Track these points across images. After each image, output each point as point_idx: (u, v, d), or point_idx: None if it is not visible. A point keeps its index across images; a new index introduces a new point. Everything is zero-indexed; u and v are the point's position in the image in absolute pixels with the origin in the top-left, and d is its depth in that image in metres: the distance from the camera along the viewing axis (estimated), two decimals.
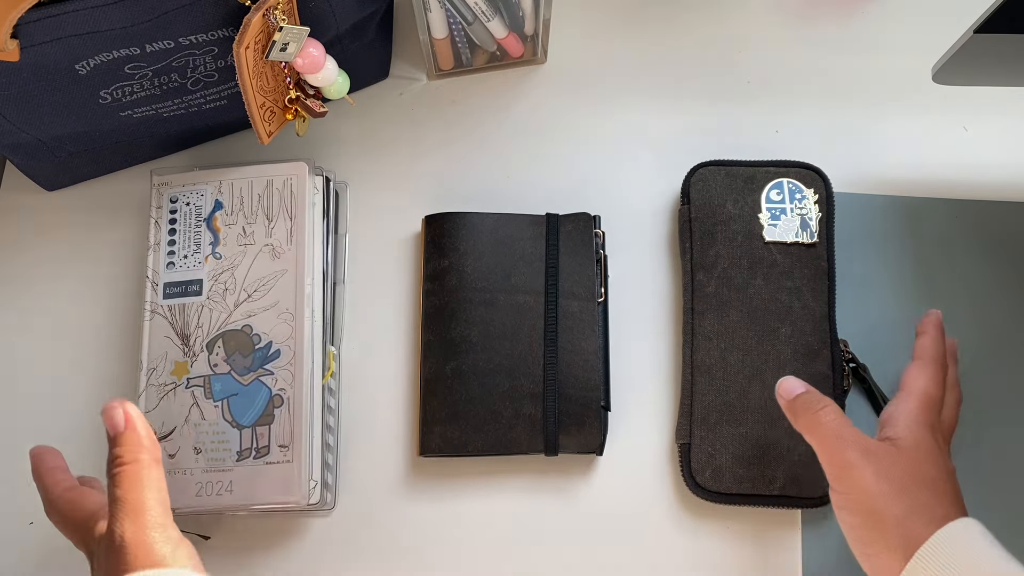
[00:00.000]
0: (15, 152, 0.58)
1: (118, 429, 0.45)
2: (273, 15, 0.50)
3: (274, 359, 0.56)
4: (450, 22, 0.61)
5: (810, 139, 0.65)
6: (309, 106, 0.58)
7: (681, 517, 0.57)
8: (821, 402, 0.50)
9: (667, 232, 0.63)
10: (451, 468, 0.59)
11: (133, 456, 0.45)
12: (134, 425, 0.46)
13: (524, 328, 0.58)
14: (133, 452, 0.45)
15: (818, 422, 0.50)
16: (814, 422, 0.50)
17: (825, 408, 0.50)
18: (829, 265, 0.59)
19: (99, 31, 0.49)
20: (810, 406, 0.51)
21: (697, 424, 0.57)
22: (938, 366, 0.53)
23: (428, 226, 0.62)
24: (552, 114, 0.67)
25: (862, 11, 0.69)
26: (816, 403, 0.50)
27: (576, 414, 0.57)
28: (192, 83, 0.56)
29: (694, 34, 0.68)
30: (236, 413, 0.56)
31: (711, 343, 0.58)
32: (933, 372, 0.52)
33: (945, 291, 0.61)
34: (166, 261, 0.59)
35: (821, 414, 0.50)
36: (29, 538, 0.57)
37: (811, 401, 0.51)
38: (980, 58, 0.53)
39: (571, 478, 0.58)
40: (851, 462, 0.48)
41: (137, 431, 0.45)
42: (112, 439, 0.46)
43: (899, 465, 0.48)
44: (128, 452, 0.45)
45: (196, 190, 0.61)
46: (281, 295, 0.58)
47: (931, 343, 0.54)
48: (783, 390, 0.52)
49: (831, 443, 0.49)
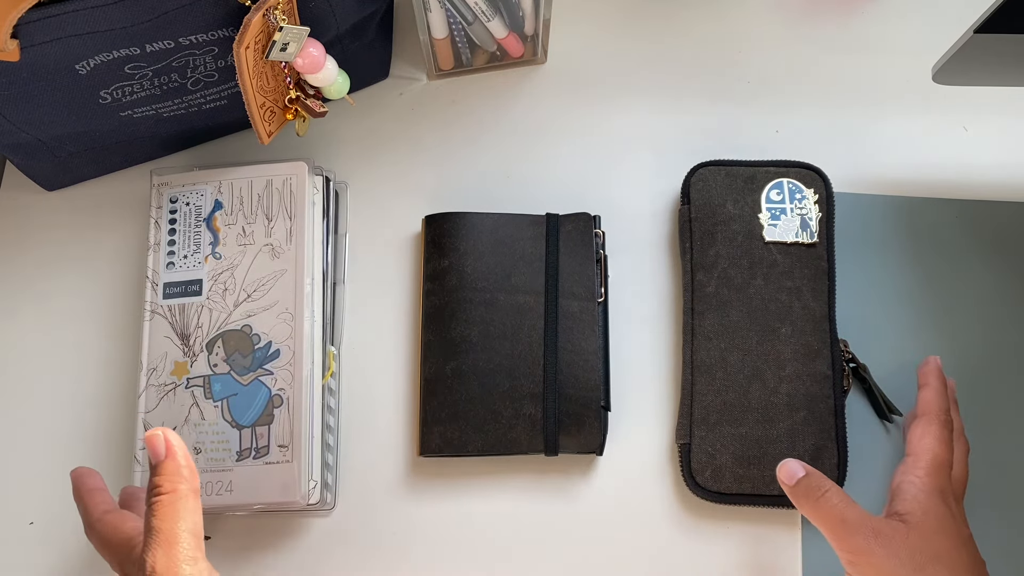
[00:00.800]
0: (15, 152, 0.58)
1: (159, 457, 0.46)
2: (273, 15, 0.50)
3: (273, 359, 0.56)
4: (450, 22, 0.61)
5: (810, 139, 0.65)
6: (309, 106, 0.58)
7: (681, 517, 0.57)
8: (822, 487, 0.50)
9: (667, 232, 0.63)
10: (451, 468, 0.59)
11: (171, 486, 0.45)
12: (174, 454, 0.46)
13: (524, 328, 0.58)
14: (172, 482, 0.45)
15: (821, 508, 0.49)
16: (818, 508, 0.49)
17: (827, 493, 0.49)
18: (829, 265, 0.59)
19: (99, 31, 0.49)
20: (811, 492, 0.50)
21: (697, 424, 0.57)
22: (943, 424, 0.52)
23: (428, 226, 0.62)
24: (552, 114, 0.67)
25: (862, 11, 0.69)
26: (817, 489, 0.50)
27: (576, 414, 0.57)
28: (192, 83, 0.56)
29: (694, 34, 0.68)
30: (236, 413, 0.56)
31: (711, 343, 0.58)
32: (939, 431, 0.51)
33: (945, 291, 0.61)
34: (166, 261, 0.59)
35: (823, 500, 0.49)
36: (29, 538, 0.57)
37: (812, 487, 0.50)
38: (980, 58, 0.53)
39: (571, 478, 0.58)
40: (861, 547, 0.47)
41: (177, 460, 0.46)
42: (153, 467, 0.46)
43: (909, 543, 0.47)
44: (167, 482, 0.45)
45: (196, 190, 0.61)
46: (281, 295, 0.58)
47: (935, 397, 0.53)
48: (784, 475, 0.52)
49: (838, 529, 0.48)
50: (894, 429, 0.59)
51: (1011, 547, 0.56)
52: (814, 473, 0.51)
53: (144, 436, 0.48)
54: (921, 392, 0.54)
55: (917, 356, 0.59)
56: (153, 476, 0.46)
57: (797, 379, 0.57)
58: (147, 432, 0.47)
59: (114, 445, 0.59)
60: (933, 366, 0.55)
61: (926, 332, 0.60)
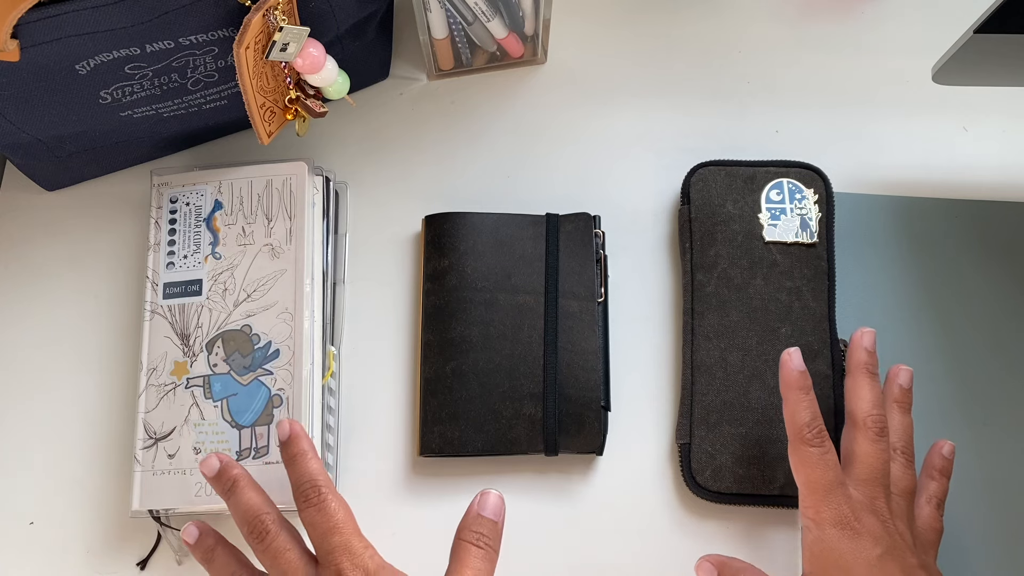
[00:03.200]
0: (15, 152, 0.58)
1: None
2: (273, 15, 0.50)
3: (273, 359, 0.56)
4: (450, 22, 0.61)
5: (810, 139, 0.65)
6: (309, 106, 0.58)
7: (681, 517, 0.57)
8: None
9: (667, 232, 0.63)
10: (451, 468, 0.59)
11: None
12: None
13: (524, 328, 0.58)
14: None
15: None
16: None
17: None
18: (829, 265, 0.59)
19: (99, 31, 0.49)
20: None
21: (697, 424, 0.57)
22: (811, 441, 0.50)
23: (428, 226, 0.62)
24: (552, 114, 0.67)
25: (862, 11, 0.69)
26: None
27: (576, 414, 0.57)
28: (192, 83, 0.56)
29: (694, 34, 0.68)
30: (235, 413, 0.56)
31: (711, 343, 0.58)
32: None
33: (945, 291, 0.61)
34: (166, 261, 0.59)
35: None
36: (29, 538, 0.57)
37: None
38: (980, 58, 0.53)
39: (571, 478, 0.58)
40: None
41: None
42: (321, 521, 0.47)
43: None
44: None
45: (196, 190, 0.61)
46: (280, 295, 0.58)
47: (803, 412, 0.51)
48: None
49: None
50: None
51: (1009, 549, 0.56)
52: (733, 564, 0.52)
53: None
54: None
55: (917, 356, 0.59)
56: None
57: None
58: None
59: (114, 445, 0.59)
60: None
61: (926, 332, 0.60)
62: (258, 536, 0.47)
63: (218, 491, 0.50)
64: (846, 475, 0.50)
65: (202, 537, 0.50)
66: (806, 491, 0.49)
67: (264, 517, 0.47)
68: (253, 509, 0.48)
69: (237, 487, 0.49)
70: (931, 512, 0.52)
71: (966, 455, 0.58)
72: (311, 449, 0.50)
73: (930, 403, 0.59)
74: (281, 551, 0.46)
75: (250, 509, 0.48)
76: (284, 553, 0.46)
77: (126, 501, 0.57)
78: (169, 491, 0.55)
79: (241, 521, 0.48)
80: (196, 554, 0.49)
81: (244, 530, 0.48)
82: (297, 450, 0.49)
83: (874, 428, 0.51)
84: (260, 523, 0.47)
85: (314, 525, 0.47)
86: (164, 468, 0.55)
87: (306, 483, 0.48)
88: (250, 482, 0.49)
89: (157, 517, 0.55)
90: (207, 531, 0.50)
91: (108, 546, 0.57)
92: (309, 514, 0.47)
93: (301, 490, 0.48)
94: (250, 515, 0.48)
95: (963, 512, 0.56)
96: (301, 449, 0.49)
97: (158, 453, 0.55)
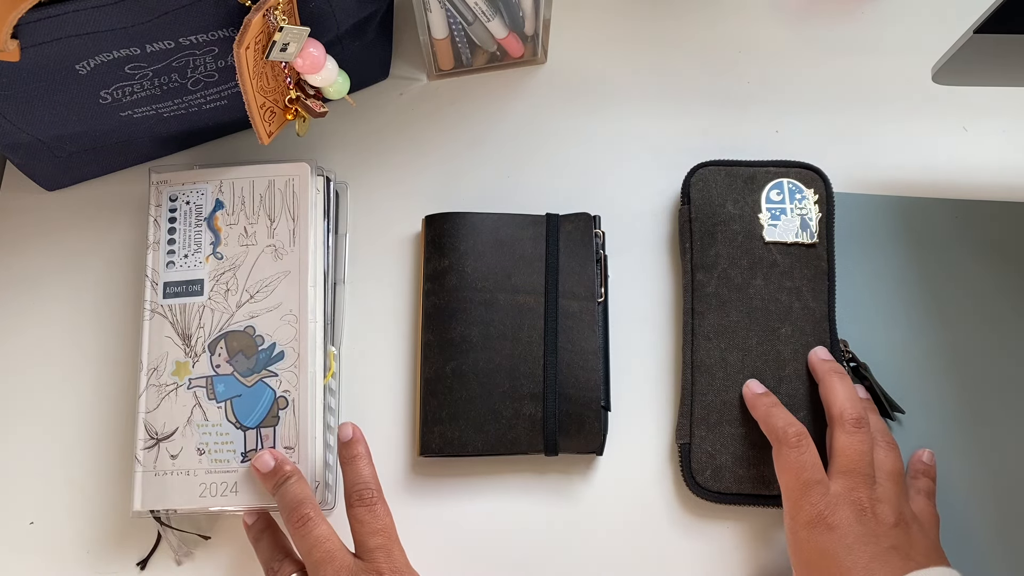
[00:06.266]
0: (15, 152, 0.58)
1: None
2: (273, 15, 0.50)
3: (278, 361, 0.56)
4: (450, 22, 0.61)
5: (810, 139, 0.65)
6: (309, 106, 0.58)
7: (681, 517, 0.57)
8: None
9: (667, 232, 0.64)
10: (451, 468, 0.59)
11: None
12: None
13: (524, 328, 0.58)
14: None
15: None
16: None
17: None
18: (829, 265, 0.59)
19: (99, 31, 0.49)
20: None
21: (697, 424, 0.57)
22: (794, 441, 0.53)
23: (428, 226, 0.62)
24: (552, 114, 0.67)
25: (862, 11, 0.69)
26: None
27: (576, 414, 0.57)
28: (192, 83, 0.56)
29: (694, 34, 0.68)
30: (240, 415, 0.56)
31: (711, 343, 0.58)
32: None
33: (945, 291, 0.61)
34: (166, 260, 0.59)
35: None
36: (29, 538, 0.57)
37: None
38: (980, 58, 0.53)
39: (571, 478, 0.58)
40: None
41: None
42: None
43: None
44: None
45: (196, 189, 0.60)
46: (284, 297, 0.57)
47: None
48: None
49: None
50: (896, 427, 0.59)
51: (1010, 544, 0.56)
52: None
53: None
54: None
55: (917, 356, 0.59)
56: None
57: (797, 379, 0.57)
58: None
59: (114, 445, 0.59)
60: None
61: (926, 332, 0.60)
62: (300, 522, 0.50)
63: (268, 485, 0.54)
64: (829, 471, 0.52)
65: (257, 521, 0.54)
66: (785, 494, 0.52)
67: (308, 508, 0.51)
68: (300, 499, 0.52)
69: (289, 480, 0.53)
70: (923, 501, 0.54)
71: (965, 455, 0.58)
72: (368, 454, 0.54)
73: (930, 403, 0.59)
74: (322, 539, 0.50)
75: (296, 498, 0.52)
76: (325, 542, 0.50)
77: (126, 501, 0.57)
78: (172, 491, 0.55)
79: (286, 509, 0.52)
80: (248, 534, 0.54)
81: (289, 517, 0.51)
82: (356, 452, 0.54)
83: (850, 420, 0.52)
84: (304, 512, 0.51)
85: (363, 523, 0.51)
86: (166, 469, 0.55)
87: (362, 484, 0.52)
88: (301, 476, 0.53)
89: (158, 517, 0.55)
90: (263, 517, 0.55)
91: (108, 546, 0.57)
92: (360, 512, 0.51)
93: (356, 489, 0.52)
94: (295, 503, 0.51)
95: (963, 512, 0.57)
96: (360, 452, 0.54)
97: (160, 454, 0.55)
